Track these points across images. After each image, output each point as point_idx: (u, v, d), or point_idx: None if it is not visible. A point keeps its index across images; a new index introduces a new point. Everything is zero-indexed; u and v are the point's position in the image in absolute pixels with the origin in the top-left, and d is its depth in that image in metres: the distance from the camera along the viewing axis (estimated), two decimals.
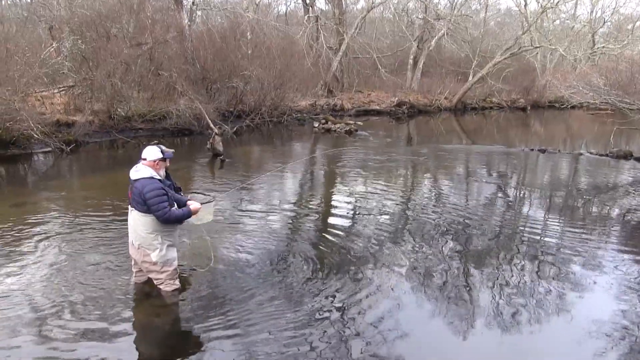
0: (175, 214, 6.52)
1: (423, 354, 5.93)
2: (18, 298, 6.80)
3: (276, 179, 14.88)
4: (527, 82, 44.81)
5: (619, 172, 17.97)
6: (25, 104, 17.84)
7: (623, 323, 6.63)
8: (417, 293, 7.41)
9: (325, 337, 6.06)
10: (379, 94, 39.86)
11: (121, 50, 21.54)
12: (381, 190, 13.76)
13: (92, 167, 17.15)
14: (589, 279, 8.10)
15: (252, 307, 6.70)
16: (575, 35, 47.19)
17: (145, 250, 6.64)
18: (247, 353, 5.72)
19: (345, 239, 9.64)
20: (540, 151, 21.39)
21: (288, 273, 7.90)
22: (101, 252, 8.50)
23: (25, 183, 14.53)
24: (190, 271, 7.78)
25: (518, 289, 7.59)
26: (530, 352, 6.01)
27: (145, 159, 6.56)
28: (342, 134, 26.16)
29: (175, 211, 6.54)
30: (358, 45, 40.02)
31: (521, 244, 9.67)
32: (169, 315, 6.64)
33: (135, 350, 5.83)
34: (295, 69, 29.86)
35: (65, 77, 22.08)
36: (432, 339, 6.24)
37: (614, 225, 11.44)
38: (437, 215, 11.52)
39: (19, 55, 18.18)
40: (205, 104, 22.89)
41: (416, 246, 9.30)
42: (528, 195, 13.83)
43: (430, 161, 19.23)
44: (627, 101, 21.24)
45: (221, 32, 28.42)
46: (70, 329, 6.08)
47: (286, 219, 11.01)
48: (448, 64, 45.09)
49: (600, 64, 40.53)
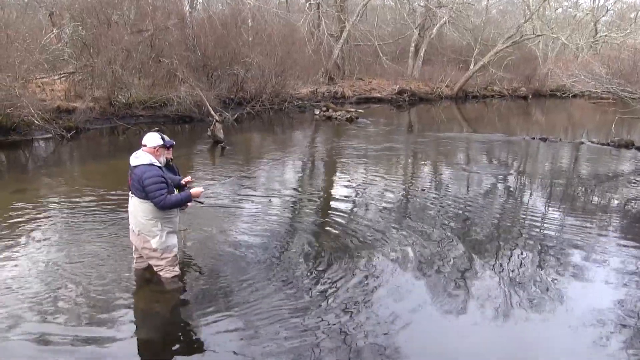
0: (172, 200, 6.48)
1: (423, 343, 5.92)
2: (17, 284, 6.81)
3: (276, 168, 14.88)
4: (529, 71, 44.71)
5: (620, 162, 17.93)
6: (25, 91, 17.83)
7: (622, 313, 6.63)
8: (417, 282, 7.41)
9: (325, 325, 6.06)
10: (380, 82, 39.78)
11: (122, 37, 21.52)
12: (381, 179, 13.75)
13: (93, 153, 17.15)
14: (588, 268, 8.10)
15: (252, 294, 6.71)
16: (578, 24, 47.05)
17: (145, 236, 6.64)
18: (247, 339, 5.74)
19: (345, 227, 9.64)
20: (542, 140, 21.37)
21: (288, 261, 7.91)
22: (102, 238, 8.51)
23: (25, 169, 14.55)
24: (190, 258, 7.80)
25: (518, 278, 7.59)
26: (530, 341, 6.00)
27: (145, 145, 6.54)
28: (342, 121, 26.14)
29: (172, 197, 6.50)
30: (359, 33, 39.86)
31: (521, 233, 9.66)
32: (169, 301, 6.65)
33: (136, 336, 5.84)
34: (297, 56, 29.83)
35: (66, 63, 22.04)
36: (432, 328, 6.22)
37: (614, 214, 11.45)
38: (438, 203, 11.53)
39: (20, 41, 18.14)
40: (206, 91, 22.92)
41: (417, 235, 9.29)
42: (529, 184, 13.81)
43: (431, 149, 19.21)
44: (629, 90, 21.22)
45: (222, 19, 28.35)
46: (70, 315, 6.09)
47: (287, 207, 11.02)
48: (449, 52, 44.98)
49: (603, 53, 40.41)
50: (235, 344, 5.67)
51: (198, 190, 6.90)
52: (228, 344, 5.68)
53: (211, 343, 5.71)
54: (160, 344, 5.81)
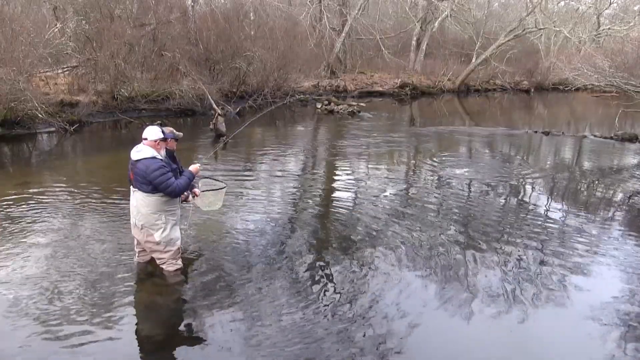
0: (181, 183, 6.57)
1: (424, 336, 5.95)
2: (19, 276, 6.87)
3: (277, 160, 14.92)
4: (531, 64, 44.55)
5: (623, 155, 17.94)
6: (29, 84, 17.90)
7: (623, 308, 6.65)
8: (418, 275, 7.45)
9: (326, 318, 6.12)
10: (382, 76, 39.69)
11: (125, 31, 21.56)
12: (383, 172, 13.79)
13: (96, 147, 17.22)
14: (592, 263, 8.12)
15: (254, 287, 6.77)
16: (580, 17, 46.90)
17: (148, 230, 6.68)
18: (249, 331, 5.79)
19: (347, 220, 9.69)
20: (544, 133, 21.35)
21: (290, 254, 7.96)
22: (104, 232, 8.57)
23: (29, 163, 14.61)
24: (192, 251, 7.86)
25: (521, 273, 7.61)
26: (530, 335, 6.03)
27: (146, 138, 6.58)
28: (344, 115, 26.13)
29: (180, 181, 6.57)
30: (361, 27, 39.75)
31: (523, 227, 9.69)
32: (172, 294, 6.71)
33: (138, 329, 5.90)
34: (298, 50, 29.83)
35: (69, 57, 22.10)
36: (434, 322, 6.24)
37: (617, 209, 11.46)
38: (439, 197, 11.57)
39: (24, 35, 18.20)
40: (208, 85, 22.94)
41: (418, 228, 9.35)
42: (531, 178, 13.78)
43: (433, 143, 19.22)
44: (632, 83, 21.19)
45: (224, 12, 28.38)
46: (73, 308, 6.15)
47: (288, 201, 11.06)
48: (451, 45, 44.87)
49: (606, 46, 40.35)
50: (237, 337, 5.73)
51: (196, 167, 6.95)
52: (230, 337, 5.74)
53: (213, 336, 5.77)
54: (163, 336, 5.86)
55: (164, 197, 6.56)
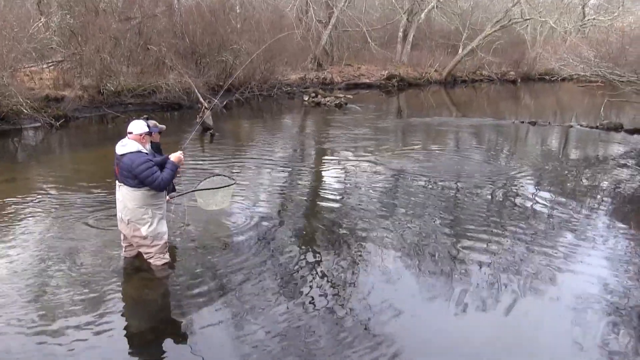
0: (166, 176, 6.48)
1: (414, 329, 5.97)
2: (6, 273, 6.84)
3: (265, 154, 14.89)
4: (517, 55, 44.79)
5: (609, 144, 18.07)
6: (14, 80, 17.75)
7: (610, 298, 6.68)
8: (407, 268, 7.46)
9: (316, 312, 6.12)
10: (369, 67, 39.73)
11: (110, 25, 21.44)
12: (371, 164, 13.78)
13: (82, 142, 17.11)
14: (579, 251, 8.17)
15: (242, 281, 6.77)
16: (566, 7, 47.06)
17: (135, 224, 6.67)
18: (237, 326, 5.79)
19: (335, 213, 9.71)
20: (531, 124, 21.50)
21: (278, 248, 7.97)
22: (91, 227, 8.53)
23: (15, 158, 14.51)
24: (180, 245, 7.85)
25: (509, 263, 7.64)
26: (518, 326, 6.06)
27: (131, 132, 6.57)
28: (331, 107, 26.16)
29: (164, 175, 6.48)
30: (348, 19, 39.73)
31: (511, 217, 9.76)
32: (159, 288, 6.70)
33: (126, 324, 5.87)
34: (285, 43, 29.72)
35: (54, 52, 21.90)
36: (422, 313, 6.26)
37: (603, 197, 11.55)
38: (428, 188, 11.60)
39: (7, 30, 18.02)
40: (195, 78, 22.85)
41: (406, 220, 9.38)
42: (518, 168, 13.85)
43: (420, 134, 19.29)
44: (617, 73, 21.30)
45: (210, 6, 28.20)
46: (60, 304, 6.12)
47: (276, 194, 11.06)
48: (438, 37, 44.97)
49: (591, 36, 40.53)
50: (226, 331, 5.73)
51: (177, 155, 6.79)
52: (219, 331, 5.74)
53: (202, 330, 5.76)
54: (151, 331, 5.83)
55: (150, 191, 6.54)
